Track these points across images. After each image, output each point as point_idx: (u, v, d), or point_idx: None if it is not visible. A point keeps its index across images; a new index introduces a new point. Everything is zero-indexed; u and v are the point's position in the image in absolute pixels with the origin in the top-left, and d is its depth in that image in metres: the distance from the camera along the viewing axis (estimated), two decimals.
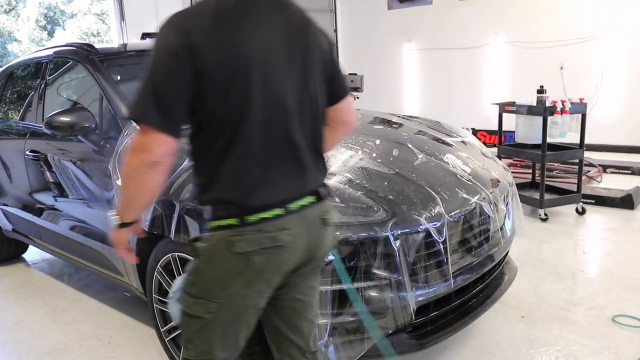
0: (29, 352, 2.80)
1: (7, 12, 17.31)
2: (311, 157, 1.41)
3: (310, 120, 1.40)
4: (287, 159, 1.36)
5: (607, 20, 7.05)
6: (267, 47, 1.31)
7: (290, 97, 1.34)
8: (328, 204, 1.49)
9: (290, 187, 1.37)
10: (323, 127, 1.48)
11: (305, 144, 1.38)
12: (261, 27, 1.31)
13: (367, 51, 9.93)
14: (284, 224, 1.35)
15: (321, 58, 1.41)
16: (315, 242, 1.44)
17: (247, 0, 1.33)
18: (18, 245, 4.09)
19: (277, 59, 1.32)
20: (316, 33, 1.43)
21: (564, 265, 3.53)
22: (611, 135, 7.17)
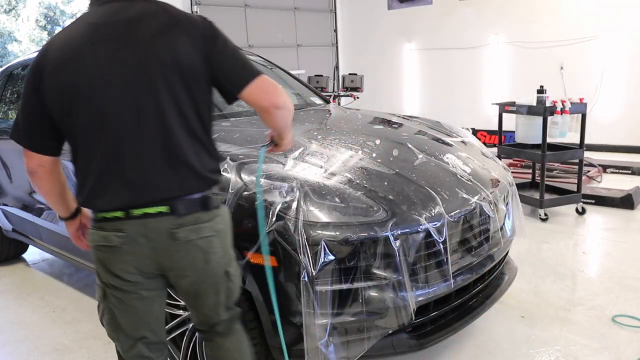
0: (29, 352, 2.80)
1: (7, 12, 17.31)
2: (159, 166, 1.43)
3: (159, 129, 1.41)
4: (125, 168, 1.42)
5: (607, 20, 7.05)
6: (96, 71, 1.39)
7: (126, 111, 1.40)
8: (187, 219, 1.46)
9: (134, 193, 1.42)
10: (190, 131, 1.46)
11: (151, 154, 1.42)
12: (95, 51, 1.40)
13: (367, 51, 9.93)
14: (120, 226, 1.44)
15: (175, 63, 1.41)
16: (164, 255, 1.48)
17: (94, 25, 1.44)
18: (18, 245, 4.09)
19: (108, 77, 1.39)
20: (172, 40, 1.42)
21: (564, 265, 3.53)
22: (611, 135, 7.17)
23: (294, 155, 2.27)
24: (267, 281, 1.92)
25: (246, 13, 8.73)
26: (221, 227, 1.56)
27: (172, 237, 1.45)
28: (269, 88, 1.50)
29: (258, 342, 2.04)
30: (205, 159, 1.50)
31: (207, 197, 1.50)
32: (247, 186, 2.00)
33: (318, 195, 2.00)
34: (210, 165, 1.51)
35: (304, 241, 1.85)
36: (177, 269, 1.51)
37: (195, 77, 1.44)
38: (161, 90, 1.40)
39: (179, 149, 1.43)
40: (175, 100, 1.42)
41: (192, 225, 1.47)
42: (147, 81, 1.40)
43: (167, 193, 1.44)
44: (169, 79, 1.41)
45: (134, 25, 1.42)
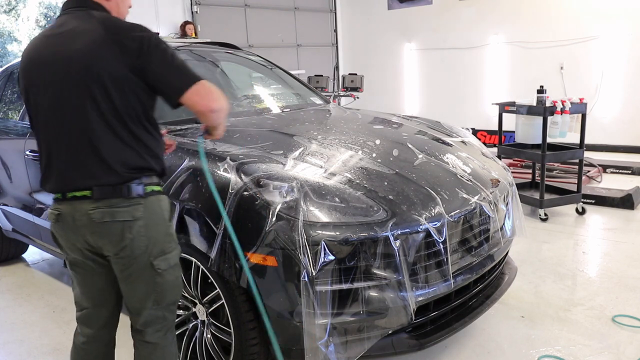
0: (29, 352, 2.80)
1: (7, 12, 17.30)
2: (96, 156, 1.64)
3: (79, 128, 1.63)
4: (55, 161, 1.69)
5: (607, 20, 7.05)
6: (37, 78, 1.67)
7: (53, 113, 1.65)
8: (104, 203, 1.65)
9: (65, 179, 1.67)
10: (110, 130, 1.63)
11: (72, 149, 1.65)
12: (39, 60, 1.67)
13: (367, 51, 9.94)
14: (58, 206, 1.71)
15: (98, 71, 1.59)
16: (87, 234, 1.68)
17: (45, 37, 1.69)
18: (18, 245, 4.09)
19: (44, 83, 1.65)
20: (98, 52, 1.59)
21: (564, 265, 3.53)
22: (611, 135, 7.17)
23: (294, 155, 2.27)
24: (267, 281, 1.93)
25: (246, 13, 8.73)
26: (141, 215, 1.67)
27: (90, 217, 1.65)
28: (206, 93, 1.65)
29: (258, 342, 2.04)
30: (127, 155, 1.65)
31: (127, 186, 1.66)
32: (247, 186, 2.00)
33: (318, 195, 2.00)
34: (133, 162, 1.66)
35: (304, 241, 1.85)
36: (101, 248, 1.70)
37: (117, 85, 1.61)
38: (82, 95, 1.61)
39: (96, 146, 1.63)
40: (96, 104, 1.61)
41: (107, 209, 1.65)
42: (71, 87, 1.61)
43: (86, 182, 1.65)
44: (90, 86, 1.60)
45: (68, 38, 1.64)
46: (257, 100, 3.64)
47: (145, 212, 1.68)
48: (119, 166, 1.64)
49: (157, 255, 1.71)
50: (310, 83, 7.00)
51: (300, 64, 9.58)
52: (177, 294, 1.82)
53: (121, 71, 1.60)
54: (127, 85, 1.61)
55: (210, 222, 2.02)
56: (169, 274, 1.75)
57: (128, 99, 1.63)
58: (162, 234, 1.73)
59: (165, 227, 1.74)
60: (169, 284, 1.76)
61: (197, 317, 2.26)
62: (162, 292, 1.75)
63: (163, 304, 1.77)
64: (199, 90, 1.63)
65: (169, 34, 7.64)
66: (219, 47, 4.00)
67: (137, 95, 1.64)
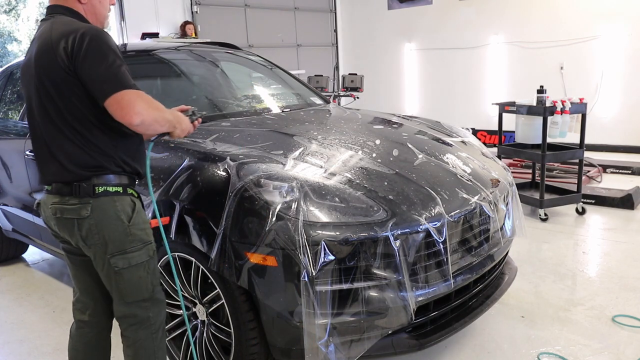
0: (29, 352, 2.80)
1: (7, 12, 17.30)
2: (47, 156, 1.76)
3: (41, 129, 1.75)
4: (37, 154, 1.82)
5: (607, 20, 7.05)
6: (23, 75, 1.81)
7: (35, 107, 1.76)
8: (58, 199, 1.75)
9: (40, 173, 1.82)
10: (58, 131, 1.71)
11: (47, 144, 1.75)
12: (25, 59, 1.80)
13: (367, 51, 9.94)
14: (43, 197, 1.84)
15: (44, 76, 1.69)
16: (56, 226, 1.81)
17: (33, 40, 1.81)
18: (18, 245, 4.09)
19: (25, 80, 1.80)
20: (46, 58, 1.68)
21: (564, 265, 3.53)
22: (611, 135, 7.17)
23: (294, 155, 2.27)
24: (267, 281, 1.93)
25: (246, 13, 8.73)
26: (88, 214, 1.72)
27: (51, 210, 1.78)
28: (125, 106, 1.62)
29: (258, 342, 2.04)
30: (77, 155, 1.72)
31: (78, 185, 1.72)
32: (247, 186, 2.00)
33: (318, 195, 2.00)
34: (83, 161, 1.72)
35: (304, 241, 1.85)
36: (66, 239, 1.82)
37: (57, 87, 1.68)
38: (37, 98, 1.73)
39: (49, 145, 1.74)
40: (45, 106, 1.71)
41: (60, 205, 1.76)
42: (33, 90, 1.75)
43: (49, 177, 1.78)
44: (39, 90, 1.72)
45: (33, 45, 1.78)
46: (257, 100, 3.64)
47: (94, 212, 1.73)
48: (71, 165, 1.72)
49: (115, 254, 1.75)
50: (310, 83, 7.00)
51: (300, 64, 9.58)
52: (142, 292, 1.82)
53: (59, 74, 1.66)
54: (65, 87, 1.67)
55: (210, 222, 2.01)
56: (129, 272, 1.78)
57: (70, 100, 1.68)
58: (119, 233, 1.75)
59: (122, 227, 1.75)
60: (129, 283, 1.79)
61: (197, 317, 2.26)
62: (124, 289, 1.80)
63: (128, 300, 1.81)
64: (119, 100, 1.61)
65: (169, 34, 7.64)
66: (219, 47, 4.00)
67: (79, 96, 1.67)
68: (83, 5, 1.81)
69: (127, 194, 1.80)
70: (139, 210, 1.82)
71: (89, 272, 1.89)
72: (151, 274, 1.85)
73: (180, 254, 2.19)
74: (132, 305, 1.82)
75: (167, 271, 2.29)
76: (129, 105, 1.61)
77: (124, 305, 1.83)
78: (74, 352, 1.98)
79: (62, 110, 1.69)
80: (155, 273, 1.89)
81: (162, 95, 3.28)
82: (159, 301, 1.90)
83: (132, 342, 1.85)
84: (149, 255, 1.83)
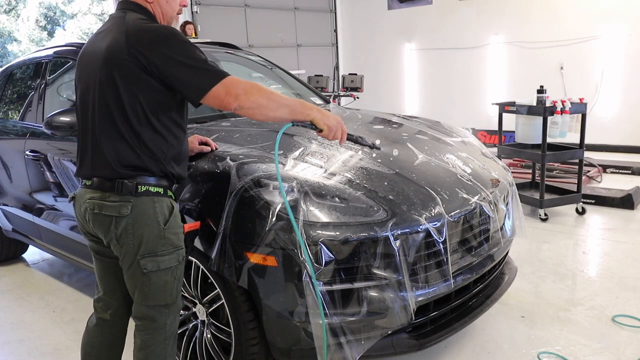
0: (29, 352, 2.80)
1: (7, 12, 17.33)
2: (92, 149, 1.75)
3: (102, 120, 1.71)
4: (83, 145, 1.80)
5: (607, 20, 7.06)
6: (83, 66, 1.79)
7: (92, 99, 1.72)
8: (98, 195, 1.73)
9: (82, 165, 1.80)
10: (111, 124, 1.69)
11: (96, 138, 1.72)
12: (84, 52, 1.81)
13: (367, 51, 9.94)
14: (79, 191, 1.81)
15: (118, 70, 1.65)
16: (87, 219, 1.79)
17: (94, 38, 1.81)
18: (18, 245, 4.09)
19: (85, 72, 1.78)
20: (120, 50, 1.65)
21: (564, 265, 3.53)
22: (611, 135, 7.17)
23: (294, 155, 2.27)
24: (267, 281, 1.92)
25: (246, 13, 8.73)
26: (127, 212, 1.70)
27: (87, 205, 1.75)
28: (232, 86, 1.66)
29: (258, 342, 2.04)
30: (124, 152, 1.70)
31: (121, 182, 1.70)
32: (247, 186, 2.00)
33: (318, 195, 2.00)
34: (129, 159, 1.70)
35: (304, 241, 1.85)
36: (98, 235, 1.79)
37: (126, 82, 1.66)
38: (97, 90, 1.70)
39: (99, 138, 1.71)
40: (107, 101, 1.68)
41: (99, 201, 1.72)
42: (95, 83, 1.71)
43: (90, 171, 1.75)
44: (103, 82, 1.68)
45: (100, 39, 1.76)
46: None
47: (134, 211, 1.70)
48: (118, 163, 1.69)
49: (145, 255, 1.72)
50: (310, 83, 7.00)
51: (300, 64, 9.58)
52: (165, 297, 1.79)
53: (134, 72, 1.63)
54: (137, 86, 1.64)
55: (210, 222, 2.01)
56: (157, 276, 1.75)
57: (137, 99, 1.65)
58: (154, 235, 1.72)
59: (157, 229, 1.73)
60: (155, 286, 1.76)
61: (197, 317, 2.26)
62: (148, 292, 1.76)
63: (150, 303, 1.78)
64: (221, 87, 1.62)
65: None
66: (219, 47, 4.00)
67: (146, 94, 1.65)
68: (150, 4, 1.80)
69: (166, 196, 1.77)
70: (175, 213, 1.80)
71: (115, 273, 1.87)
72: (177, 280, 1.82)
73: None
74: (152, 309, 1.79)
75: None
76: (228, 90, 1.63)
77: (145, 308, 1.79)
78: (89, 347, 1.95)
79: (125, 108, 1.66)
80: (181, 280, 1.85)
81: None
82: (178, 308, 1.87)
83: (144, 345, 1.81)
84: (178, 261, 1.79)
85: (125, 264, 1.77)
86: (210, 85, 1.63)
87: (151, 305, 1.78)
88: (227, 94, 1.64)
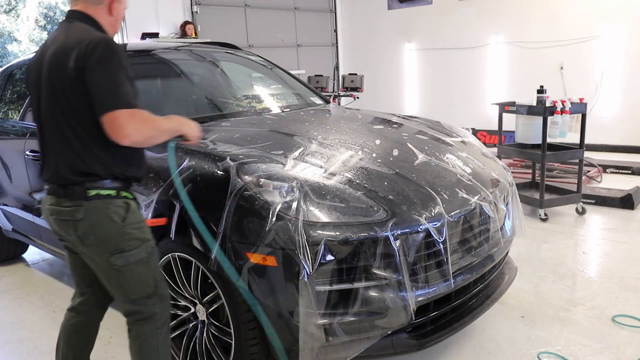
0: (29, 352, 2.80)
1: (7, 12, 17.31)
2: (46, 157, 1.82)
3: (51, 128, 1.78)
4: (41, 154, 1.87)
5: (607, 20, 7.05)
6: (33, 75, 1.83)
7: (43, 108, 1.79)
8: (54, 200, 1.80)
9: (41, 171, 1.87)
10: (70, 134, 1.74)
11: (49, 145, 1.80)
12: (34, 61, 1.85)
13: (367, 51, 9.93)
14: (43, 196, 1.89)
15: (59, 76, 1.71)
16: (55, 225, 1.86)
17: None
18: (18, 245, 4.09)
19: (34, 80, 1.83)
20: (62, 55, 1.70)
21: (564, 265, 3.53)
22: (611, 135, 7.17)
23: (294, 155, 2.27)
24: (267, 281, 1.93)
25: (246, 13, 8.73)
26: (81, 216, 1.76)
27: (48, 210, 1.85)
28: (117, 127, 1.67)
29: (258, 342, 2.04)
30: (73, 159, 1.75)
31: (71, 188, 1.76)
32: (247, 186, 2.00)
33: (318, 195, 2.00)
34: (77, 166, 1.75)
35: (304, 241, 1.85)
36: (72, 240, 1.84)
37: (67, 91, 1.71)
38: (47, 101, 1.77)
39: (51, 147, 1.80)
40: (53, 109, 1.75)
41: (55, 207, 1.81)
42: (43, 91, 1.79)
43: (46, 178, 1.84)
44: (48, 91, 1.76)
45: (48, 48, 1.81)
46: (257, 100, 3.64)
47: (88, 215, 1.76)
48: (66, 169, 1.76)
49: (113, 253, 1.78)
50: (310, 83, 7.00)
51: (300, 64, 9.58)
52: (145, 288, 1.85)
53: (69, 80, 1.69)
54: (73, 94, 1.70)
55: (210, 222, 2.01)
56: (130, 269, 1.81)
57: (77, 107, 1.71)
58: (115, 234, 1.78)
59: (115, 227, 1.78)
60: (131, 280, 1.82)
61: (197, 317, 2.26)
62: (126, 286, 1.83)
63: (132, 297, 1.84)
64: (112, 119, 1.64)
65: (169, 34, 7.64)
66: (219, 47, 4.00)
67: (85, 104, 1.69)
68: (110, 17, 1.85)
69: (119, 197, 1.81)
70: (132, 210, 1.84)
71: (85, 267, 1.94)
72: (152, 269, 1.87)
73: (180, 254, 2.19)
74: (136, 303, 1.85)
75: (168, 271, 2.29)
76: (120, 127, 1.65)
77: (129, 303, 1.86)
78: (62, 329, 2.06)
79: (68, 116, 1.73)
80: (157, 269, 1.91)
81: (162, 96, 3.29)
82: (164, 297, 1.92)
83: (136, 336, 1.88)
84: (147, 252, 1.85)
85: (97, 266, 1.85)
86: (113, 108, 1.64)
87: (134, 299, 1.84)
88: (124, 124, 1.64)
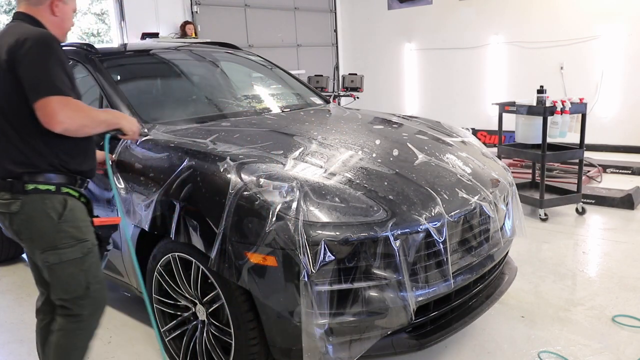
0: (29, 352, 2.80)
1: (7, 12, 17.33)
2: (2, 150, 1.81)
3: None
4: None
5: (607, 20, 7.05)
6: None
7: None
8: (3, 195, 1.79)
9: None
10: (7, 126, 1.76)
11: None
12: None
13: (367, 51, 9.93)
14: None
15: None
16: None
17: None
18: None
19: None
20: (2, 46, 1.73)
21: (564, 265, 3.53)
22: (611, 135, 7.17)
23: (294, 155, 2.27)
24: (267, 281, 1.93)
25: (246, 13, 8.73)
26: (17, 209, 1.78)
27: None
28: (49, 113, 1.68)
29: (258, 342, 2.04)
30: (10, 151, 1.77)
31: (10, 182, 1.78)
32: (247, 186, 2.00)
33: (318, 195, 2.00)
34: (15, 157, 1.77)
35: (304, 241, 1.85)
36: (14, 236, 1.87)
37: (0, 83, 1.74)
38: None
39: (8, 137, 1.78)
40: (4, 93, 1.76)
41: (4, 201, 1.80)
42: None
43: (2, 173, 1.81)
44: None
45: None
46: (257, 100, 3.64)
47: (24, 208, 1.78)
48: (5, 161, 1.79)
49: (46, 249, 1.81)
50: (310, 83, 7.00)
51: (300, 64, 9.58)
52: (75, 290, 1.86)
53: (1, 70, 1.71)
54: (7, 83, 1.72)
55: (210, 222, 2.01)
56: (61, 268, 1.82)
57: (9, 97, 1.74)
58: (49, 230, 1.80)
59: (51, 224, 1.79)
60: (60, 279, 1.84)
61: (196, 317, 2.26)
62: (56, 284, 1.86)
63: (61, 296, 1.86)
64: (44, 106, 1.66)
65: (169, 34, 7.64)
66: (219, 47, 4.00)
67: (18, 94, 1.71)
68: (53, 17, 1.86)
69: (59, 193, 1.81)
70: (72, 208, 1.84)
71: (35, 266, 1.99)
72: (85, 271, 1.87)
73: (180, 254, 2.19)
74: (67, 301, 1.88)
75: (168, 271, 2.29)
76: (52, 113, 1.66)
77: (59, 300, 1.90)
78: (36, 336, 2.09)
79: (4, 108, 1.76)
80: (91, 271, 1.90)
81: (162, 96, 3.28)
82: (97, 300, 1.92)
83: (58, 328, 1.91)
84: (82, 253, 1.85)
85: (36, 259, 1.88)
86: (46, 95, 1.66)
87: (64, 298, 1.87)
88: (57, 110, 1.67)
